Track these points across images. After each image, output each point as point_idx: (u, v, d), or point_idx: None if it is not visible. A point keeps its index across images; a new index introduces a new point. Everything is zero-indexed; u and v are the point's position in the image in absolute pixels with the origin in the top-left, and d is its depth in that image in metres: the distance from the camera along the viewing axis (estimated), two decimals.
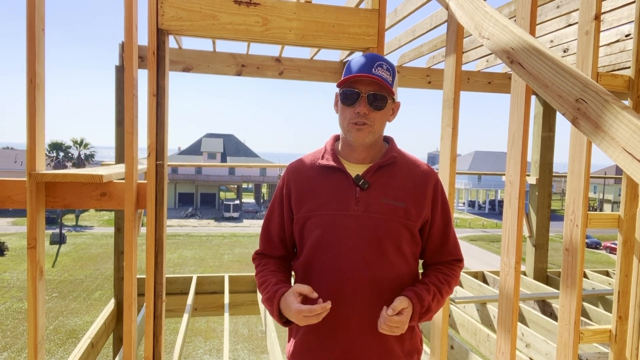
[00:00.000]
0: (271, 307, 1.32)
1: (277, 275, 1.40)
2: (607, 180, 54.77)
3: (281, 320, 1.33)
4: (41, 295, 2.11)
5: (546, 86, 1.23)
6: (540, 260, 5.45)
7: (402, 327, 1.24)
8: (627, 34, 3.50)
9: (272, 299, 1.31)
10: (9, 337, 17.03)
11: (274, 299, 1.31)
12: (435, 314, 1.37)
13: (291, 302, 1.25)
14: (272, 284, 1.35)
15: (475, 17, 1.68)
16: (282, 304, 1.30)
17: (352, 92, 1.31)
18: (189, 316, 3.92)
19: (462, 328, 3.93)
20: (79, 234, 36.78)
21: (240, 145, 57.75)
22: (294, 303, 1.24)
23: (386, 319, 1.22)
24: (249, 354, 16.49)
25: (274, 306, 1.31)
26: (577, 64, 2.00)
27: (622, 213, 2.23)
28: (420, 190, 1.37)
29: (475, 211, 59.01)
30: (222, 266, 27.28)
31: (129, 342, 2.23)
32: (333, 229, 1.32)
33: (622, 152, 0.96)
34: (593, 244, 37.17)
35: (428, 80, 4.69)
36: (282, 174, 1.63)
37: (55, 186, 2.19)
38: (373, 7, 2.54)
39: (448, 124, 2.26)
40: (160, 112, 2.32)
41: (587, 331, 2.13)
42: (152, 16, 2.27)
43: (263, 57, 4.17)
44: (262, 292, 1.37)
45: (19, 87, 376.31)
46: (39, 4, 2.01)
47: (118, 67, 3.86)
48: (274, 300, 1.31)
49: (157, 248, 2.38)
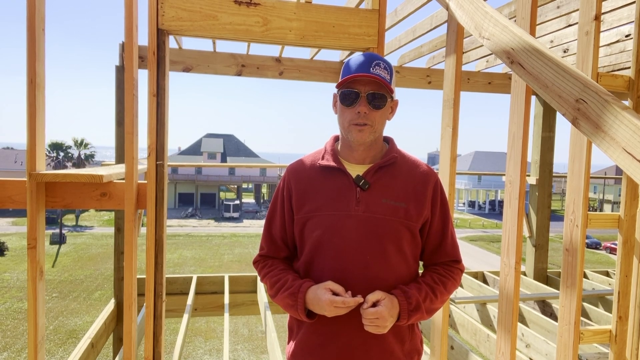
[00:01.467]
0: (295, 301, 1.32)
1: (291, 272, 1.41)
2: (607, 181, 54.78)
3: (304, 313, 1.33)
4: (41, 296, 2.11)
5: (546, 86, 1.23)
6: (540, 260, 5.45)
7: (382, 321, 1.24)
8: (627, 34, 3.50)
9: (297, 293, 1.31)
10: (9, 337, 17.03)
11: (298, 293, 1.31)
12: (430, 314, 1.36)
13: (322, 294, 1.26)
14: (291, 279, 1.36)
15: (476, 18, 1.68)
16: (308, 297, 1.30)
17: (351, 92, 1.31)
18: (189, 316, 3.92)
19: (462, 328, 3.93)
20: (79, 234, 36.78)
21: (240, 146, 57.77)
22: (325, 294, 1.25)
23: (362, 313, 1.25)
24: (249, 354, 16.49)
25: (298, 300, 1.31)
26: (577, 64, 2.00)
27: (622, 213, 2.23)
28: (420, 190, 1.37)
29: (475, 211, 59.00)
30: (222, 266, 27.28)
31: (129, 342, 2.23)
32: (334, 230, 1.32)
33: (622, 152, 0.96)
34: (593, 244, 37.17)
35: (428, 80, 4.69)
36: (282, 174, 1.63)
37: (55, 186, 2.19)
38: (373, 7, 2.54)
39: (448, 124, 2.26)
40: (160, 112, 2.32)
41: (587, 331, 2.12)
42: (152, 16, 2.27)
43: (263, 57, 4.17)
44: (281, 289, 1.36)
45: (19, 87, 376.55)
46: (39, 4, 2.02)
47: (118, 67, 3.86)
48: (299, 295, 1.31)
49: (157, 248, 2.38)
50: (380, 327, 1.24)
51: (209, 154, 52.13)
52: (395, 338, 1.34)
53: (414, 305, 1.29)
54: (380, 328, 1.25)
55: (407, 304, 1.28)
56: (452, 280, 1.40)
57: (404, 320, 1.29)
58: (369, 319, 1.24)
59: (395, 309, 1.27)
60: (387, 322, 1.25)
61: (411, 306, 1.29)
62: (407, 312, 1.28)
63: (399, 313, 1.28)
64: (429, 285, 1.35)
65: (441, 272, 1.41)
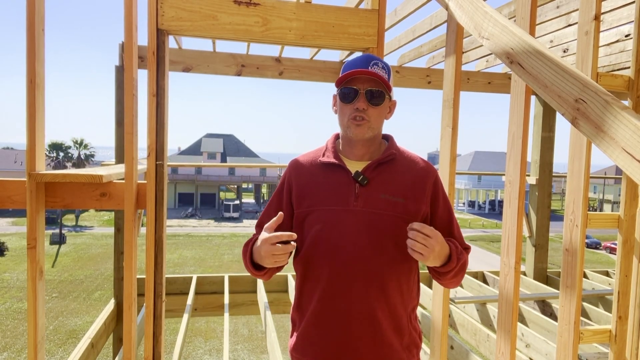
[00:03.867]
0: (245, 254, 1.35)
1: None
2: (607, 180, 54.77)
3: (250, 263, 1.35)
4: (41, 296, 2.11)
5: (546, 86, 1.23)
6: (540, 260, 5.45)
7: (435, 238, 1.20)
8: (627, 34, 3.50)
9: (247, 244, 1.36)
10: (9, 337, 17.03)
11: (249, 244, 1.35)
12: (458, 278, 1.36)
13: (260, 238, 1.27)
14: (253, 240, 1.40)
15: (475, 18, 1.68)
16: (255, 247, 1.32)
17: (350, 90, 1.35)
18: (189, 316, 3.92)
19: (462, 328, 3.93)
20: (79, 234, 36.78)
21: (240, 145, 57.77)
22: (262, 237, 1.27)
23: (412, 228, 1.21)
24: (249, 354, 16.49)
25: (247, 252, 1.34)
26: (576, 64, 2.00)
27: (622, 213, 2.23)
28: (419, 186, 1.39)
29: (475, 211, 59.01)
30: (222, 266, 27.28)
31: (129, 342, 2.23)
32: (333, 224, 1.34)
33: (621, 152, 0.96)
34: (593, 244, 37.16)
35: (428, 80, 4.69)
36: (282, 174, 1.64)
37: (55, 186, 2.19)
38: (373, 7, 2.54)
39: (448, 124, 2.27)
40: (160, 112, 2.32)
41: (587, 331, 2.12)
42: (152, 16, 2.27)
43: (263, 57, 4.17)
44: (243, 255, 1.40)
45: (19, 87, 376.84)
46: (39, 4, 2.02)
47: (118, 67, 3.86)
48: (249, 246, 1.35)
49: (157, 248, 2.38)
50: (428, 248, 1.20)
51: (208, 154, 52.13)
52: (394, 331, 1.36)
53: (460, 251, 1.33)
54: (427, 250, 1.20)
55: (455, 248, 1.31)
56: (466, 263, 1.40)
57: (454, 261, 1.28)
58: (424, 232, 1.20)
59: (445, 247, 1.26)
60: (436, 248, 1.21)
61: (458, 250, 1.32)
62: (456, 254, 1.29)
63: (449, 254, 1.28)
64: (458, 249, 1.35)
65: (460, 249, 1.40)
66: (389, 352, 1.35)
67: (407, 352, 1.39)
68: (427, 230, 1.21)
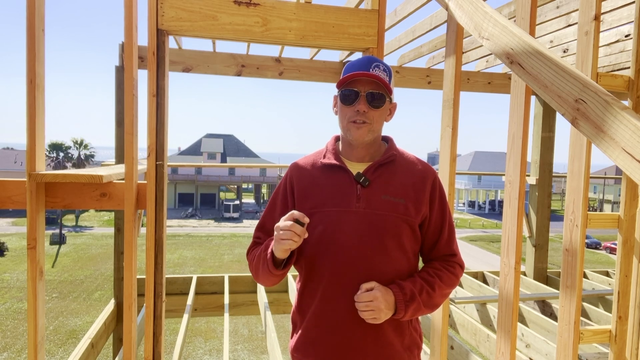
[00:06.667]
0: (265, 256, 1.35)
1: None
2: (607, 180, 54.76)
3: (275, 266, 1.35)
4: (41, 296, 2.11)
5: (546, 86, 1.23)
6: (540, 260, 5.45)
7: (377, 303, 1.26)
8: (627, 34, 3.50)
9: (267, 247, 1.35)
10: (9, 338, 17.02)
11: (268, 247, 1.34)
12: (431, 308, 1.37)
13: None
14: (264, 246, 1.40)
15: (475, 18, 1.68)
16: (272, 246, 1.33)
17: (351, 92, 1.35)
18: (189, 316, 3.92)
19: (462, 328, 3.93)
20: (78, 234, 36.77)
21: (240, 146, 57.76)
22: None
23: (356, 299, 1.28)
24: (249, 354, 16.49)
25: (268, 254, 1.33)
26: (576, 64, 2.00)
27: (622, 213, 2.23)
28: (419, 187, 1.40)
29: (475, 211, 59.00)
30: (222, 266, 27.27)
31: (129, 343, 2.23)
32: (335, 226, 1.35)
33: (621, 152, 0.96)
34: (593, 244, 37.15)
35: (428, 80, 4.69)
36: (282, 175, 1.65)
37: (55, 186, 2.19)
38: (373, 7, 2.54)
39: (448, 124, 2.27)
40: (160, 112, 2.32)
41: (587, 331, 2.12)
42: (152, 16, 2.27)
43: (263, 58, 4.17)
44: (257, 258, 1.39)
45: (19, 87, 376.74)
46: (39, 4, 2.02)
47: (118, 67, 3.86)
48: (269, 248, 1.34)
49: (157, 248, 2.38)
50: (375, 311, 1.26)
51: (208, 154, 52.13)
52: (395, 332, 1.36)
53: (409, 295, 1.31)
54: (376, 313, 1.26)
55: (402, 295, 1.30)
56: (449, 273, 1.41)
57: (401, 311, 1.30)
58: (364, 302, 1.26)
59: (390, 297, 1.29)
60: (382, 307, 1.26)
61: (406, 296, 1.30)
62: (404, 302, 1.29)
63: (395, 304, 1.29)
64: (423, 279, 1.36)
65: (437, 266, 1.42)
66: (390, 352, 1.36)
67: (408, 353, 1.40)
68: (364, 297, 1.27)
